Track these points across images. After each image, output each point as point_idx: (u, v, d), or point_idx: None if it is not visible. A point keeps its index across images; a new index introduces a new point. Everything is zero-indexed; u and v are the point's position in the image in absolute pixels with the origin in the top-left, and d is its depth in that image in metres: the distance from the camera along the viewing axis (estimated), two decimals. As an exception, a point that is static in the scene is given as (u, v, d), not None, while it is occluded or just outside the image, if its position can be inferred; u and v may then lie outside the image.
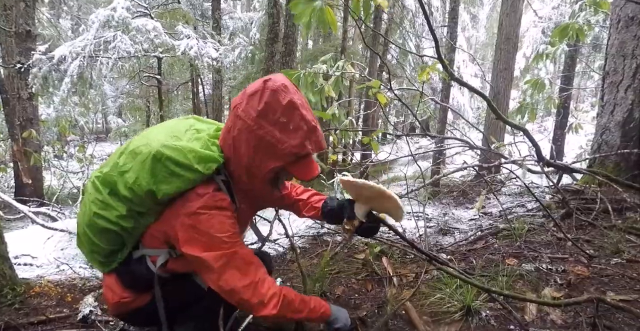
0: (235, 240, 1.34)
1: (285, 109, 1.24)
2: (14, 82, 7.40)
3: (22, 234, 4.37)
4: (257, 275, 1.34)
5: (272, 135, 1.25)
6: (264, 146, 1.27)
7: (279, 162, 1.29)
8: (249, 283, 1.31)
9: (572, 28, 3.91)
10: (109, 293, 1.49)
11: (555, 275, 2.13)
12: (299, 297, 1.42)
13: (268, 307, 1.32)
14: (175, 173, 1.28)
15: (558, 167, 3.01)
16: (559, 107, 7.52)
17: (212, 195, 1.32)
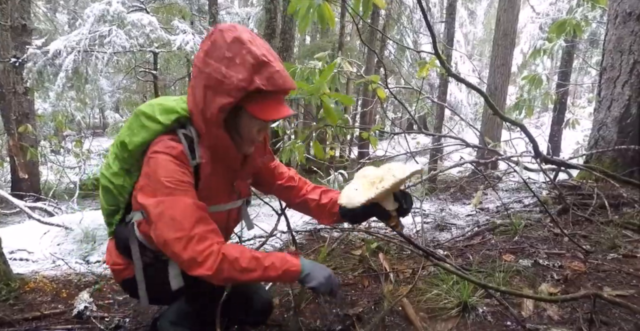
0: (180, 187, 1.24)
1: (231, 44, 1.21)
2: (10, 77, 7.35)
3: (18, 229, 4.34)
4: (194, 229, 1.20)
5: (218, 71, 1.21)
6: (212, 84, 1.22)
7: (227, 98, 1.21)
8: (181, 236, 1.19)
9: (569, 24, 3.92)
10: (108, 257, 1.52)
11: (552, 270, 2.13)
12: (248, 255, 1.24)
13: (203, 267, 1.18)
14: (144, 125, 1.32)
15: (555, 162, 3.01)
16: (556, 103, 7.53)
17: (165, 141, 1.29)
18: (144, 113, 1.34)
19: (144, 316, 2.04)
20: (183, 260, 1.19)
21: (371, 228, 3.20)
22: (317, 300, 2.03)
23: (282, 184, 1.64)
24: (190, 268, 1.20)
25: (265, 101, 1.24)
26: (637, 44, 3.37)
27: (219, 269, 1.19)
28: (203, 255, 1.18)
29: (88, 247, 3.76)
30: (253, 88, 1.19)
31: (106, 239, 3.88)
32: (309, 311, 1.96)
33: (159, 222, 1.20)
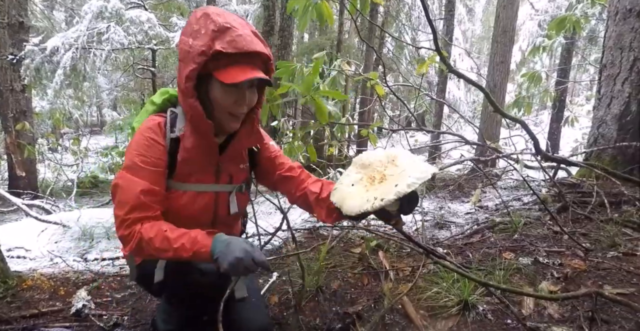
0: (140, 165, 1.29)
1: (199, 19, 1.27)
2: (7, 74, 7.31)
3: (15, 226, 4.33)
4: (131, 214, 1.25)
5: (186, 44, 1.27)
6: (182, 57, 1.29)
7: (192, 65, 1.23)
8: (118, 215, 1.26)
9: (569, 20, 3.91)
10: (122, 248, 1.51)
11: (552, 268, 2.13)
12: (161, 235, 1.23)
13: (126, 246, 1.25)
14: (147, 110, 1.45)
15: (556, 160, 3.00)
16: (555, 100, 7.52)
17: (149, 119, 1.38)
18: (149, 100, 1.50)
19: (142, 314, 2.03)
20: (118, 236, 1.28)
21: (370, 225, 3.19)
22: (317, 298, 2.02)
23: (282, 174, 1.58)
24: (122, 246, 1.29)
25: (232, 66, 1.25)
26: (637, 40, 3.37)
27: (138, 247, 1.24)
28: (129, 237, 1.25)
29: (86, 244, 3.75)
30: (213, 52, 1.21)
31: (103, 237, 3.90)
32: (308, 309, 1.95)
33: (115, 195, 1.30)
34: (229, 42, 1.21)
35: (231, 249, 1.18)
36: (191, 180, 1.39)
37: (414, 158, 1.27)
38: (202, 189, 1.42)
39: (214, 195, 1.45)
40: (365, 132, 3.13)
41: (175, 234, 1.23)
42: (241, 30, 1.24)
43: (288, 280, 2.21)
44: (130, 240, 1.24)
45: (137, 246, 1.23)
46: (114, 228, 4.07)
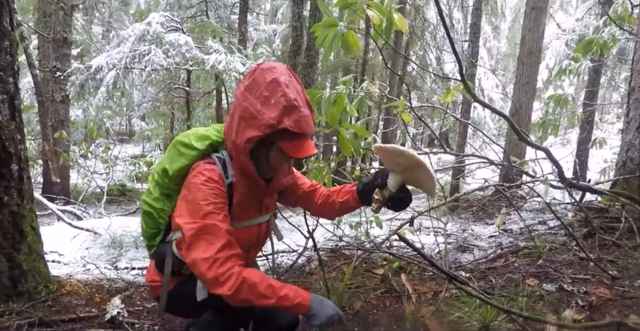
0: (214, 211, 1.35)
1: (269, 85, 1.34)
2: (49, 85, 7.73)
3: (48, 231, 4.49)
4: (221, 253, 1.30)
5: (254, 107, 1.35)
6: (247, 117, 1.36)
7: (257, 131, 1.34)
8: (208, 257, 1.29)
9: (596, 43, 3.89)
10: (147, 275, 1.63)
11: (577, 296, 2.12)
12: (266, 282, 1.32)
13: (223, 287, 1.27)
14: (181, 153, 1.48)
15: (580, 187, 2.98)
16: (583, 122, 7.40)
17: (203, 165, 1.43)
18: (180, 142, 1.50)
19: (172, 325, 2.11)
20: (207, 278, 1.29)
21: (392, 247, 3.23)
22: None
23: (305, 190, 1.74)
24: (212, 287, 1.30)
25: (295, 140, 1.38)
26: (666, 66, 3.34)
27: (237, 290, 1.28)
28: (224, 276, 1.28)
29: (115, 252, 3.89)
30: (280, 128, 1.32)
31: (132, 246, 4.03)
32: (331, 329, 1.99)
33: (192, 242, 1.32)
34: (295, 122, 1.34)
35: (325, 308, 1.38)
36: (242, 219, 1.51)
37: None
38: (250, 224, 1.56)
39: (258, 225, 1.60)
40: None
41: (278, 283, 1.35)
42: (304, 109, 1.37)
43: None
44: (228, 280, 1.28)
45: (237, 288, 1.28)
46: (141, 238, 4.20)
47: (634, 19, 3.88)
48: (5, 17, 1.98)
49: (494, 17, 18.52)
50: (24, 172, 2.15)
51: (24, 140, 2.19)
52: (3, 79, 1.97)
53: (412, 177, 1.48)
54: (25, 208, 2.16)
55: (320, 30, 2.26)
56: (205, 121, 13.86)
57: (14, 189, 2.06)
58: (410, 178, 1.49)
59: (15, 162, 2.06)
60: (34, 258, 2.20)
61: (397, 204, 1.53)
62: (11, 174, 2.04)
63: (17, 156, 2.07)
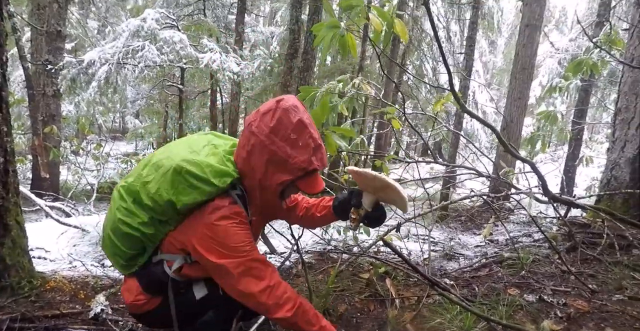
0: (252, 249, 1.44)
1: (296, 127, 1.38)
2: (40, 79, 7.67)
3: (36, 227, 4.46)
4: (272, 279, 1.42)
5: (283, 151, 1.38)
6: (276, 160, 1.39)
7: (289, 175, 1.41)
8: (265, 287, 1.40)
9: (586, 64, 3.99)
10: (126, 294, 1.59)
11: (556, 307, 2.16)
12: (313, 310, 1.48)
13: (283, 309, 1.40)
14: (193, 185, 1.40)
15: (563, 201, 3.05)
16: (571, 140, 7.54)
17: (229, 207, 1.43)
18: (191, 173, 1.40)
19: (156, 323, 2.11)
20: (269, 306, 1.41)
21: (380, 252, 3.26)
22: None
23: (288, 206, 1.81)
24: (273, 312, 1.41)
25: (312, 176, 1.47)
26: (652, 88, 3.43)
27: (295, 314, 1.41)
28: (283, 299, 1.42)
29: (103, 250, 3.87)
30: (311, 169, 1.41)
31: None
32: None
33: (243, 279, 1.40)
34: (320, 160, 1.44)
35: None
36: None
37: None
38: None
39: None
40: (379, 163, 3.23)
41: (319, 314, 1.51)
42: (323, 145, 1.46)
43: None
44: (287, 303, 1.42)
45: (295, 311, 1.42)
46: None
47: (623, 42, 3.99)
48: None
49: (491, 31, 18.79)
50: (10, 165, 2.12)
51: (11, 133, 2.15)
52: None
53: (385, 197, 1.60)
54: (10, 201, 2.14)
55: (323, 31, 2.29)
56: (200, 121, 13.83)
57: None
58: (384, 198, 1.61)
59: (0, 154, 2.04)
60: (17, 253, 2.19)
61: (373, 222, 1.65)
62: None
63: (2, 148, 2.05)
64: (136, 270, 1.57)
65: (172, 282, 1.53)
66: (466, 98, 8.30)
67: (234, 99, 10.42)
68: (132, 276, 1.58)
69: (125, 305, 1.66)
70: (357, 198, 1.61)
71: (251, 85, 12.45)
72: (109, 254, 1.59)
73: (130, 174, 1.56)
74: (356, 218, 1.62)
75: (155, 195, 1.42)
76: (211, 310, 1.61)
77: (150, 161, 1.51)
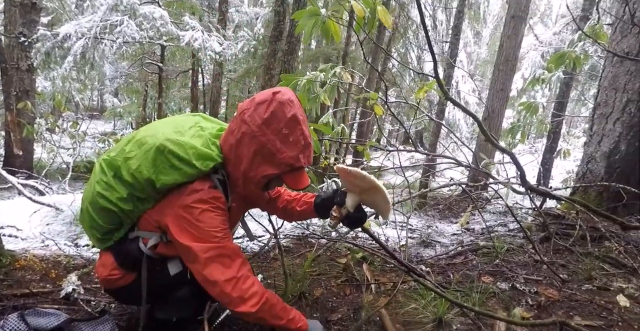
0: (225, 236, 1.41)
1: (289, 121, 1.36)
2: (14, 53, 7.36)
3: (7, 205, 4.34)
4: (240, 271, 1.39)
5: (273, 144, 1.36)
6: (264, 153, 1.38)
7: (275, 169, 1.40)
8: (231, 278, 1.37)
9: (568, 57, 4.02)
10: (100, 269, 1.57)
11: (528, 295, 2.22)
12: (281, 304, 1.47)
13: (247, 304, 1.37)
14: (174, 166, 1.38)
15: (540, 192, 3.11)
16: (550, 132, 7.68)
17: (207, 191, 1.41)
18: (173, 153, 1.39)
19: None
20: (232, 298, 1.37)
21: (358, 238, 3.28)
22: (299, 304, 2.10)
23: (271, 197, 1.83)
24: (236, 305, 1.38)
25: (298, 172, 1.46)
26: (631, 83, 3.49)
27: (260, 309, 1.38)
28: (248, 293, 1.38)
29: (77, 229, 3.79)
30: (298, 166, 1.41)
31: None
32: (290, 314, 2.02)
33: (209, 265, 1.37)
34: (307, 158, 1.44)
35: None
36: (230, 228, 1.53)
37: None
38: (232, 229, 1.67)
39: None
40: (361, 148, 3.22)
41: (288, 307, 1.50)
42: (312, 144, 1.47)
43: (273, 283, 2.29)
44: (252, 298, 1.38)
45: (261, 306, 1.39)
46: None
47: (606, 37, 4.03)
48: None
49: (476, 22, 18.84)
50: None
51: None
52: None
53: (369, 199, 1.58)
54: (-20, 178, 2.08)
55: (303, 19, 2.25)
56: (181, 102, 13.58)
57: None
58: (368, 200, 1.60)
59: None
60: (-15, 230, 2.12)
61: (353, 222, 1.65)
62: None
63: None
64: (112, 245, 1.55)
65: (147, 259, 1.51)
66: (450, 87, 8.34)
67: (215, 80, 10.23)
68: (108, 251, 1.57)
69: (99, 280, 1.62)
70: (340, 197, 1.61)
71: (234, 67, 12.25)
72: (86, 227, 1.58)
73: (113, 148, 1.54)
74: (337, 217, 1.62)
75: (135, 171, 1.40)
76: (185, 286, 1.60)
77: (135, 137, 1.49)
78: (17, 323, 1.58)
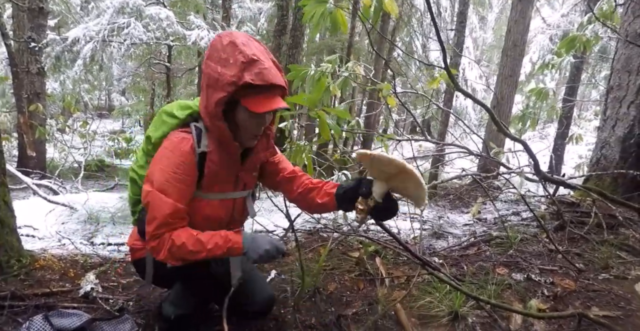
0: (172, 181, 1.41)
1: (226, 47, 1.37)
2: (24, 56, 7.48)
3: (23, 205, 4.42)
4: (159, 230, 1.40)
5: (215, 71, 1.37)
6: (211, 83, 1.39)
7: (222, 92, 1.36)
8: (149, 232, 1.41)
9: (579, 40, 3.94)
10: (129, 238, 1.73)
11: (543, 286, 2.20)
12: (193, 239, 1.40)
13: (159, 254, 1.41)
14: (164, 121, 1.54)
15: (554, 181, 3.07)
16: (561, 117, 7.57)
17: (176, 133, 1.48)
18: (165, 111, 1.56)
19: (146, 301, 2.11)
20: (151, 247, 1.43)
21: (369, 231, 3.27)
22: (314, 299, 2.11)
23: (285, 176, 1.72)
24: (155, 255, 1.44)
25: (258, 96, 1.38)
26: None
27: (169, 254, 1.40)
28: (159, 246, 1.41)
29: (92, 228, 3.86)
30: (242, 83, 1.33)
31: (108, 222, 4.00)
32: (305, 309, 2.03)
33: (147, 210, 1.43)
34: (257, 74, 1.34)
35: (258, 243, 1.43)
36: (215, 190, 1.54)
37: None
38: (223, 197, 1.58)
39: (232, 201, 1.62)
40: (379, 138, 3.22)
41: (207, 236, 1.42)
42: (266, 63, 1.37)
43: (289, 279, 2.30)
44: (161, 248, 1.40)
45: (168, 252, 1.40)
46: (119, 214, 4.17)
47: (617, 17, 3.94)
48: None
49: (481, 7, 18.55)
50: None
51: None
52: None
53: (401, 186, 1.40)
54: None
55: (310, 5, 2.23)
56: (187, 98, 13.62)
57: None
58: (399, 187, 1.41)
59: (-14, 136, 1.99)
60: (6, 232, 2.16)
61: (383, 214, 1.49)
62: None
63: (-13, 128, 2.00)
64: (138, 216, 1.64)
65: None
66: (457, 75, 8.23)
67: (222, 76, 10.17)
68: (136, 223, 1.68)
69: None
70: (366, 187, 1.43)
71: (239, 61, 12.15)
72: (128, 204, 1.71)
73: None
74: (364, 210, 1.43)
75: (145, 136, 1.60)
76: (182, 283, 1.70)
77: None
78: (42, 325, 1.64)
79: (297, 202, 1.73)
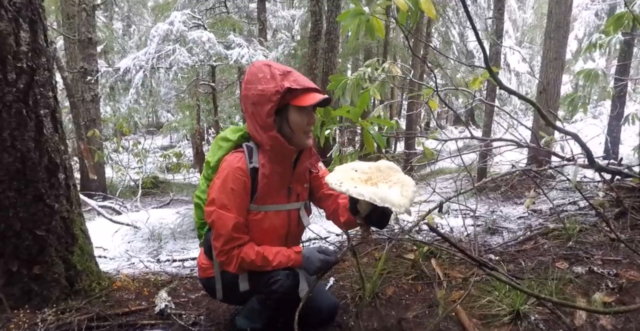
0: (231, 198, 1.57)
1: (259, 69, 1.59)
2: (78, 86, 8.01)
3: (91, 227, 4.70)
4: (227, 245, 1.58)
5: (256, 89, 1.56)
6: (257, 99, 1.56)
7: (269, 103, 1.53)
8: (217, 247, 1.59)
9: (627, 17, 3.75)
10: (198, 258, 1.89)
11: (607, 278, 2.14)
12: (260, 256, 1.60)
13: (229, 267, 1.61)
14: (220, 146, 1.70)
15: (611, 171, 2.95)
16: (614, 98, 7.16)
17: (230, 154, 1.65)
18: (219, 137, 1.73)
19: (216, 314, 2.25)
20: (220, 261, 1.63)
21: (422, 231, 3.29)
22: (374, 303, 2.17)
23: (324, 192, 1.84)
24: (224, 267, 1.63)
25: (302, 94, 1.57)
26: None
27: (239, 268, 1.61)
28: (228, 260, 1.60)
29: (155, 245, 4.09)
30: (285, 89, 1.52)
31: (170, 238, 4.24)
32: (366, 314, 2.10)
33: (212, 228, 1.61)
34: (294, 81, 1.56)
35: (312, 263, 1.63)
36: (268, 202, 1.66)
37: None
38: (278, 209, 1.70)
39: (287, 213, 1.73)
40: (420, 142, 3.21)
41: (272, 255, 1.62)
42: (298, 74, 1.61)
43: (347, 285, 2.38)
44: (231, 263, 1.60)
45: (238, 267, 1.60)
46: (178, 229, 4.37)
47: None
48: (40, 34, 2.05)
49: (519, -12, 17.87)
50: (70, 180, 2.28)
51: (67, 151, 2.31)
52: (44, 94, 2.06)
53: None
54: (74, 213, 2.31)
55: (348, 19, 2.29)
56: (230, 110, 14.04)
57: (63, 197, 2.20)
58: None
59: (61, 171, 2.18)
60: (86, 259, 2.36)
61: (378, 222, 1.50)
62: (59, 183, 2.17)
63: (62, 166, 2.19)
64: (204, 237, 1.81)
65: None
66: (498, 62, 7.98)
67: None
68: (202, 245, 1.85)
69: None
70: (351, 206, 1.50)
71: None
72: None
73: None
74: (361, 224, 1.51)
75: (205, 161, 1.73)
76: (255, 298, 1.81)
77: None
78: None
79: (332, 220, 1.86)
